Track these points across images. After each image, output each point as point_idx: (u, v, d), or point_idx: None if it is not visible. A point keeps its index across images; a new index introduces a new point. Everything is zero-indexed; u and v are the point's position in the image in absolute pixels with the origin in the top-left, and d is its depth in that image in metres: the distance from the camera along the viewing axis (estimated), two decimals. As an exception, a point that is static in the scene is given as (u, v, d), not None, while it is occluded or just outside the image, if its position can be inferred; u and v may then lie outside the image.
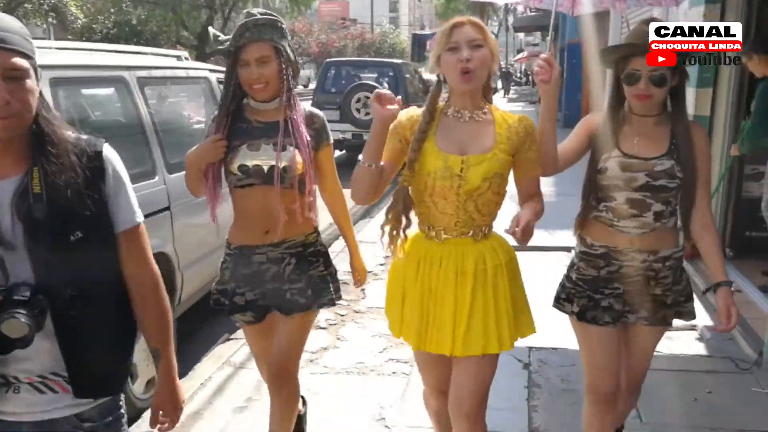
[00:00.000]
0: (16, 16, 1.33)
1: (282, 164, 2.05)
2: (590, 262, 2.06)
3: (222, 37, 2.10)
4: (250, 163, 2.08)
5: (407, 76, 10.56)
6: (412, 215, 1.93)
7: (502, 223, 1.87)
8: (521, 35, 42.75)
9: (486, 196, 1.85)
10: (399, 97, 1.77)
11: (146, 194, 3.00)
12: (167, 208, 3.15)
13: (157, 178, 3.05)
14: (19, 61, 1.21)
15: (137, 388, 3.01)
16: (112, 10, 16.20)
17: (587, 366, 2.15)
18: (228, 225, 2.23)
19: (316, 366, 3.41)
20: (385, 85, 2.38)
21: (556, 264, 5.09)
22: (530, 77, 43.34)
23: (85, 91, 2.87)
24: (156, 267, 1.48)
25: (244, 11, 2.13)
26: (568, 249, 5.61)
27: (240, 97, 2.13)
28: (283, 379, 2.25)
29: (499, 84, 34.62)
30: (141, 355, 3.00)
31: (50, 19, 11.97)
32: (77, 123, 2.67)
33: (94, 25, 15.22)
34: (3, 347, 1.20)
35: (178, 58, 3.84)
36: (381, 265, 5.00)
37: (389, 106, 1.73)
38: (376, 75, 10.76)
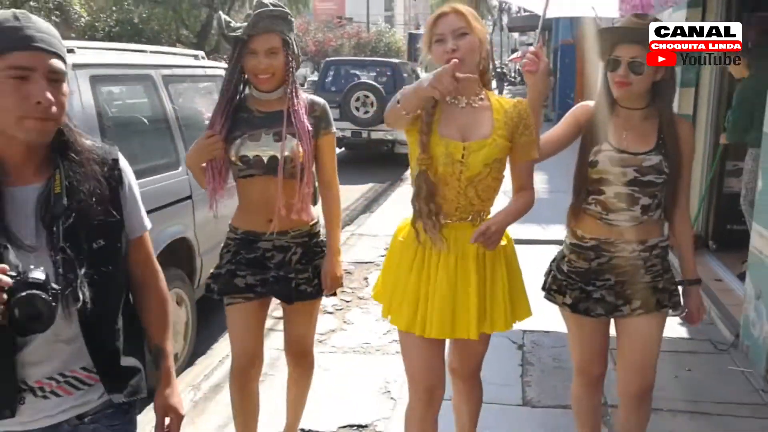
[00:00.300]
0: None
1: (281, 154, 2.06)
2: (581, 254, 2.08)
3: (234, 24, 2.07)
4: (250, 153, 2.09)
5: (405, 75, 10.80)
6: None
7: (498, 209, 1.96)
8: (515, 35, 43.02)
9: (486, 181, 1.88)
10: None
11: (171, 184, 3.24)
12: (189, 197, 3.38)
13: (180, 168, 3.28)
14: (58, 63, 1.22)
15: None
16: (114, 8, 16.36)
17: (577, 353, 2.21)
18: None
19: (325, 346, 3.65)
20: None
21: (549, 257, 5.37)
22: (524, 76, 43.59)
23: (118, 88, 3.10)
24: (159, 266, 1.51)
25: (257, 1, 2.09)
26: (560, 242, 5.89)
27: (242, 87, 2.15)
28: (303, 357, 2.42)
29: (494, 84, 34.87)
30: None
31: (54, 18, 12.10)
32: (110, 117, 2.91)
33: (96, 23, 15.36)
34: (21, 329, 1.17)
35: (196, 57, 4.08)
36: (382, 256, 5.26)
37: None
38: (374, 74, 10.99)
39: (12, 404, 1.28)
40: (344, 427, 2.83)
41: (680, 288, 2.13)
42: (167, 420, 1.45)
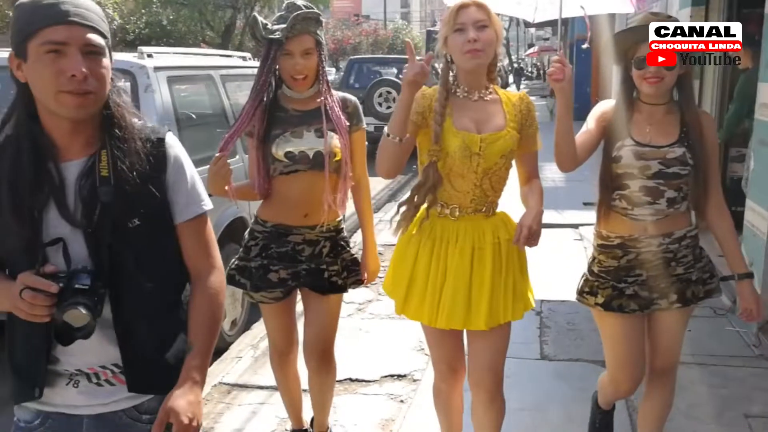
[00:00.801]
0: None
1: (326, 149, 2.11)
2: (609, 253, 2.08)
3: (270, 26, 2.09)
4: (295, 149, 2.12)
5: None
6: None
7: (504, 203, 2.06)
8: (532, 30, 43.03)
9: (500, 173, 1.93)
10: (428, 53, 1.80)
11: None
12: (244, 182, 3.85)
13: (237, 157, 3.76)
14: (96, 37, 1.20)
15: (225, 325, 3.74)
16: (143, 11, 16.99)
17: (611, 360, 2.18)
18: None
19: (364, 313, 4.12)
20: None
21: (565, 239, 5.78)
22: (541, 72, 43.65)
23: (187, 86, 3.58)
24: (219, 260, 1.41)
25: (287, 2, 2.14)
26: (575, 226, 6.30)
27: (276, 86, 2.17)
28: (323, 357, 2.36)
29: (511, 78, 35.07)
30: (228, 298, 3.74)
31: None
32: (182, 111, 3.38)
33: (126, 26, 16.00)
34: (65, 338, 1.16)
35: (244, 58, 4.56)
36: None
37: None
38: (396, 71, 11.42)
39: (40, 384, 1.26)
40: (386, 376, 3.28)
41: (714, 276, 2.11)
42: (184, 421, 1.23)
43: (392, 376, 3.28)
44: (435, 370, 2.16)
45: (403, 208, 1.93)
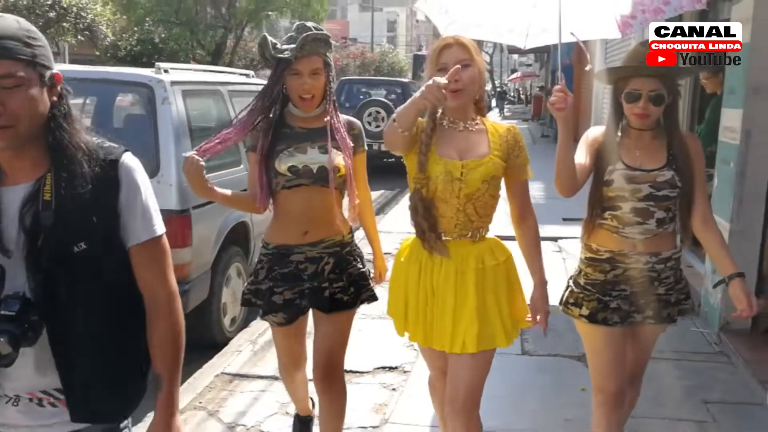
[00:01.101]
0: (49, 34, 1.52)
1: (330, 164, 2.13)
2: (597, 266, 2.13)
3: (280, 46, 2.13)
4: (299, 163, 2.13)
5: (413, 93, 11.60)
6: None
7: (497, 227, 2.10)
8: (515, 56, 44.09)
9: (484, 198, 1.95)
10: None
11: (235, 177, 3.97)
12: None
13: (241, 166, 4.03)
14: (11, 68, 1.12)
15: (226, 321, 3.98)
16: (135, 28, 17.30)
17: (595, 367, 2.21)
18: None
19: (357, 314, 4.36)
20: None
21: (545, 251, 6.06)
22: (524, 96, 44.60)
23: (199, 100, 3.86)
24: (174, 285, 1.37)
25: (297, 23, 2.19)
26: (555, 239, 6.64)
27: (282, 104, 2.19)
28: (332, 377, 2.30)
29: (494, 102, 35.82)
30: (229, 297, 3.99)
31: (81, 37, 12.95)
32: (195, 123, 3.66)
33: (119, 43, 16.27)
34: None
35: (247, 75, 4.87)
36: (396, 248, 5.99)
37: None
38: (385, 92, 11.81)
39: None
40: (378, 368, 3.54)
41: (689, 295, 2.19)
42: None
43: (384, 368, 3.54)
44: (429, 368, 2.30)
45: (422, 240, 1.98)
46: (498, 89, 41.66)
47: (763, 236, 3.80)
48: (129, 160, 1.31)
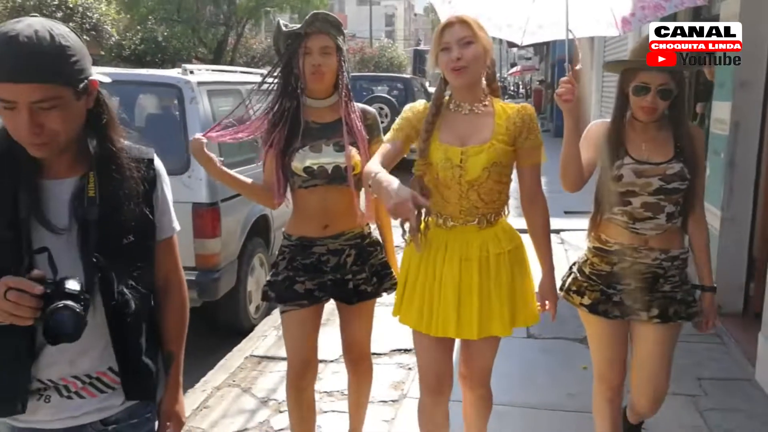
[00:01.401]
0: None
1: (348, 163, 2.13)
2: (604, 258, 2.11)
3: (290, 25, 2.15)
4: (314, 164, 2.13)
5: (416, 89, 11.82)
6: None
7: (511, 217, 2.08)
8: (514, 50, 44.18)
9: (487, 185, 1.91)
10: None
11: (256, 172, 4.19)
12: (267, 183, 4.37)
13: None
14: (46, 92, 1.15)
15: (251, 309, 4.23)
16: (138, 27, 17.49)
17: (597, 358, 2.23)
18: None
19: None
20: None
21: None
22: (525, 90, 44.70)
23: (221, 99, 4.09)
24: (184, 277, 1.53)
25: (311, 12, 2.21)
26: (557, 231, 6.86)
27: (296, 96, 2.15)
28: (361, 362, 2.44)
29: (495, 97, 35.70)
30: (253, 286, 4.23)
31: (86, 37, 13.14)
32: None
33: (123, 42, 16.46)
34: (51, 339, 1.15)
35: (263, 75, 5.08)
36: (401, 239, 6.24)
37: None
38: (388, 88, 12.01)
39: (23, 399, 1.27)
40: (394, 350, 3.78)
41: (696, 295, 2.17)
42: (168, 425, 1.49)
43: (399, 350, 3.79)
44: (421, 385, 2.12)
45: (406, 225, 1.87)
46: (499, 83, 41.65)
47: (753, 222, 4.02)
48: (157, 160, 1.42)
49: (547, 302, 2.07)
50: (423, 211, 1.98)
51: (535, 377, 3.44)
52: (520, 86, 49.94)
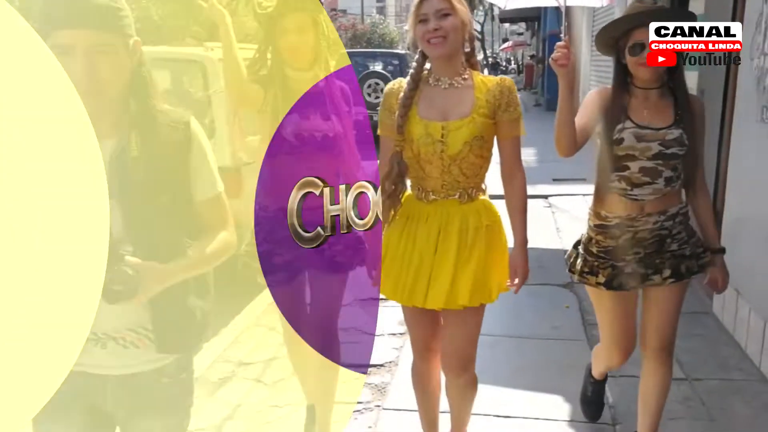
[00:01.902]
0: None
1: None
2: (607, 233, 2.13)
3: None
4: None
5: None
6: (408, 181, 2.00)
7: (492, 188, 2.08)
8: (506, 25, 44.08)
9: (469, 159, 1.92)
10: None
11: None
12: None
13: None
14: (101, 38, 1.26)
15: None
16: (132, 6, 17.52)
17: (607, 334, 2.29)
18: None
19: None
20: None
21: (536, 207, 6.79)
22: (516, 66, 44.79)
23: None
24: (234, 233, 1.53)
25: None
26: (545, 196, 7.29)
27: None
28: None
29: (486, 72, 35.81)
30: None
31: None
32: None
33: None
34: (109, 298, 1.21)
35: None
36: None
37: None
38: (381, 64, 12.33)
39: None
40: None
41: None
42: None
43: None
44: (413, 350, 2.22)
45: (378, 200, 1.86)
46: (490, 59, 41.85)
47: (717, 174, 4.23)
48: (195, 123, 1.46)
49: (516, 277, 2.03)
50: (400, 188, 1.99)
51: (524, 314, 3.93)
52: (512, 62, 50.03)
